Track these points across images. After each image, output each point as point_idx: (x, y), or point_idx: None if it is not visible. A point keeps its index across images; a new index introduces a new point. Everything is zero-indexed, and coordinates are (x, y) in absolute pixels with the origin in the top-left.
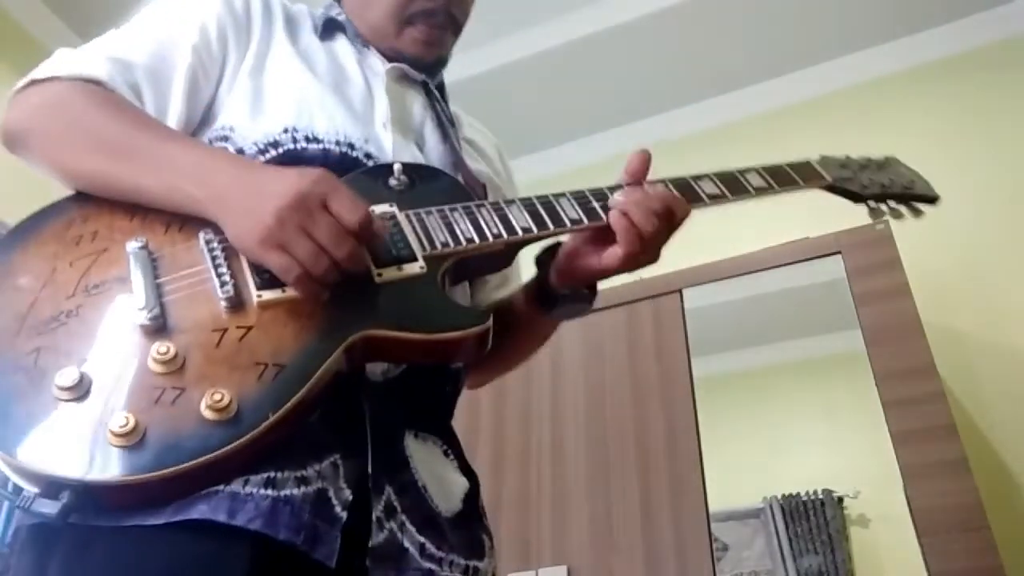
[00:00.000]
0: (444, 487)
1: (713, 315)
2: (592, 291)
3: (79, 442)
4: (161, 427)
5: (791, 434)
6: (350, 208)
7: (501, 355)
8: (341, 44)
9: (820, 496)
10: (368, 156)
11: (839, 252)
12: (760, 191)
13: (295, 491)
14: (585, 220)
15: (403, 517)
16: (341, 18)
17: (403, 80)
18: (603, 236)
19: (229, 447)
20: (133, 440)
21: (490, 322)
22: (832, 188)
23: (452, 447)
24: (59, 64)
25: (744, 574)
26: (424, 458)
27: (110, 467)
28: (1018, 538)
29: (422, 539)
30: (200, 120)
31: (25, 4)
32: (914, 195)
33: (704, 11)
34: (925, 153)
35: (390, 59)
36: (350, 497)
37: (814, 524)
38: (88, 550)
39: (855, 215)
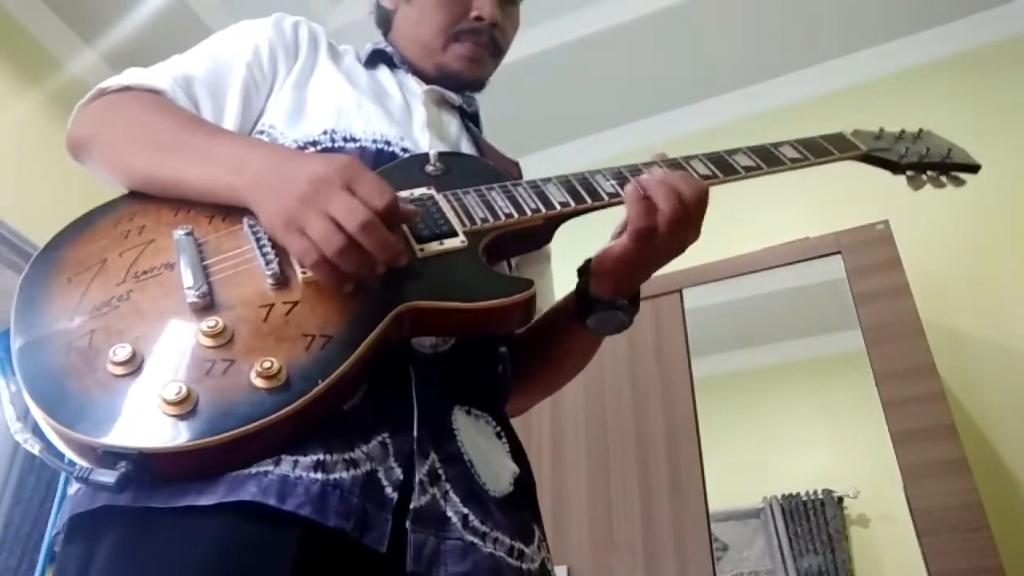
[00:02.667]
0: (491, 467)
1: (713, 315)
2: (632, 302)
3: (134, 413)
4: (213, 396)
5: (791, 434)
6: (375, 191)
7: (542, 375)
8: (383, 71)
9: (820, 496)
10: (404, 151)
11: (839, 252)
12: (795, 162)
13: (344, 475)
14: (621, 192)
15: (447, 486)
16: (388, 49)
17: (441, 103)
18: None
19: (280, 412)
20: (186, 408)
21: (534, 289)
22: (868, 158)
23: (506, 431)
24: (125, 77)
25: (744, 574)
26: (472, 435)
27: (165, 435)
28: (1018, 538)
29: (466, 510)
30: (251, 131)
31: (25, 4)
32: (954, 164)
33: (704, 11)
34: None
35: (430, 83)
36: (401, 476)
37: (814, 524)
38: (137, 534)
39: (855, 215)
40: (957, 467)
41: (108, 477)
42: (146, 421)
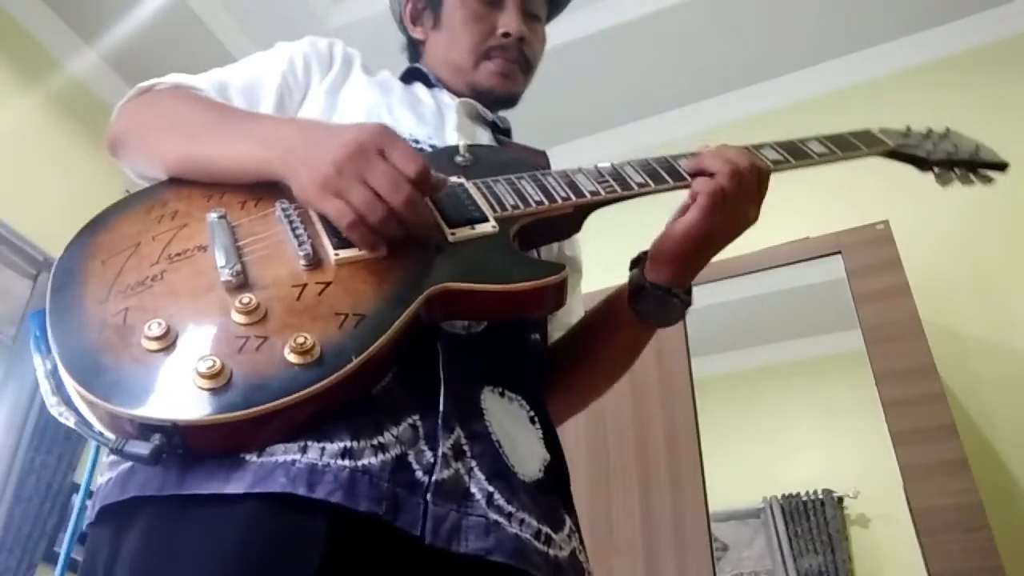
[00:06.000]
0: (519, 451)
1: (713, 315)
2: (685, 292)
3: (169, 386)
4: (247, 370)
5: (791, 434)
6: (408, 157)
7: (591, 375)
8: (418, 86)
9: (820, 496)
10: (433, 147)
11: (839, 252)
12: (822, 156)
13: (372, 460)
14: (651, 183)
15: (472, 462)
16: (423, 69)
17: (474, 116)
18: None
19: (314, 387)
20: (220, 382)
21: (566, 272)
22: (895, 154)
23: (540, 417)
24: (165, 79)
25: (744, 574)
26: (501, 416)
27: (199, 407)
28: (1018, 538)
29: (491, 488)
30: None
31: (25, 4)
32: (982, 162)
33: (704, 11)
34: None
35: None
36: (432, 459)
37: (814, 524)
38: (165, 521)
39: (855, 215)
40: (957, 467)
41: (142, 449)
42: (180, 394)
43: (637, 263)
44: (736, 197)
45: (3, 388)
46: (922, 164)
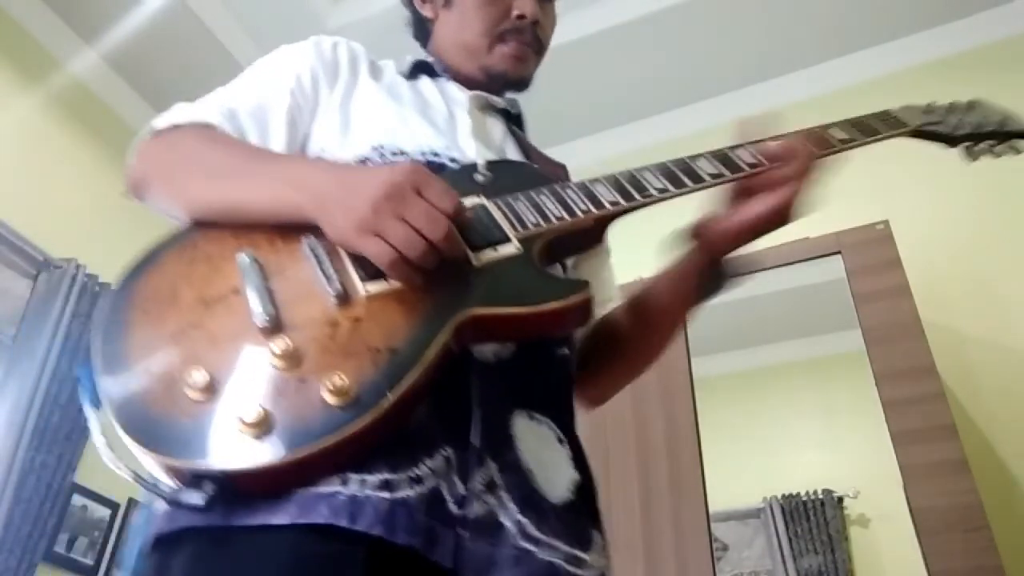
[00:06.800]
0: (550, 474)
1: (713, 315)
2: (731, 267)
3: (215, 435)
4: (288, 415)
5: (791, 434)
6: (442, 193)
7: (627, 358)
8: (424, 83)
9: (820, 496)
10: (453, 160)
11: (839, 252)
12: (845, 143)
13: (410, 492)
14: (671, 188)
15: (504, 495)
16: (429, 59)
17: (485, 108)
18: (741, 195)
19: (353, 427)
20: (264, 429)
21: (591, 291)
22: (919, 133)
23: (569, 438)
24: (175, 114)
25: (744, 574)
26: (532, 441)
27: (246, 455)
28: (1018, 538)
29: (522, 518)
30: (298, 151)
31: (25, 4)
32: (1011, 132)
33: (704, 11)
34: (925, 152)
35: (473, 87)
36: (463, 491)
37: (814, 524)
38: (211, 548)
39: (855, 215)
40: (957, 467)
41: (196, 499)
42: (227, 443)
43: (677, 241)
44: (802, 192)
45: (3, 388)
46: (948, 141)
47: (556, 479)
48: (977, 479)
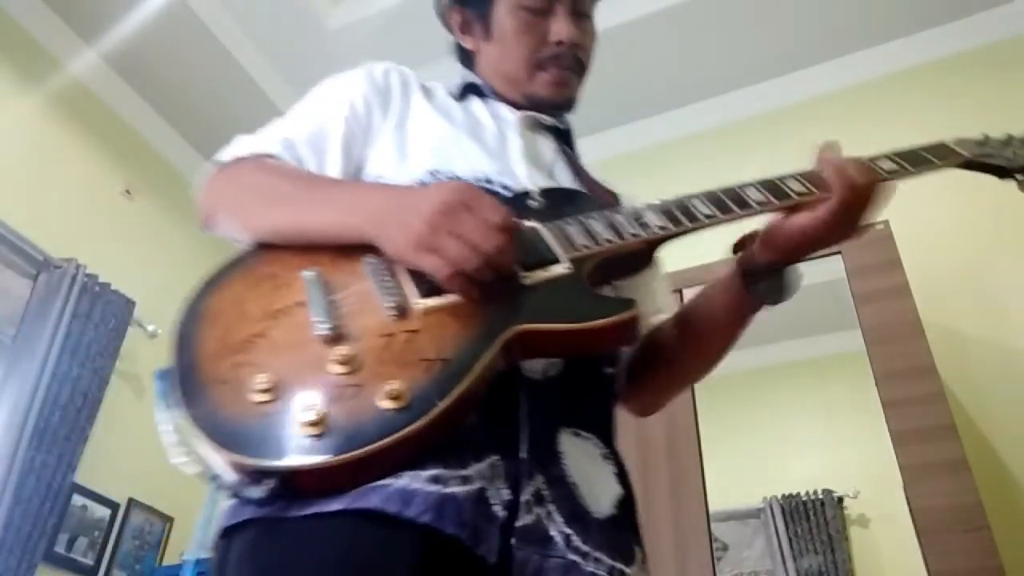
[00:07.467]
0: (595, 489)
1: None
2: (794, 272)
3: (278, 435)
4: (345, 418)
5: (791, 434)
6: (493, 209)
7: (686, 363)
8: (475, 103)
9: (820, 496)
10: (505, 187)
11: (839, 252)
12: (893, 174)
13: (458, 489)
14: (719, 214)
15: (551, 507)
16: (477, 81)
17: (534, 127)
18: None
19: (406, 430)
20: (322, 430)
21: (637, 309)
22: (971, 164)
23: (612, 453)
24: (237, 147)
25: (744, 574)
26: (577, 457)
27: (305, 454)
28: (1018, 538)
29: (568, 531)
30: (353, 176)
31: (25, 4)
32: None
33: (704, 11)
34: None
35: (520, 109)
36: (508, 497)
37: (814, 524)
38: (266, 534)
39: None
40: (957, 467)
41: (257, 492)
42: (288, 442)
43: (740, 247)
44: (857, 213)
45: (3, 388)
46: (1002, 173)
47: (601, 494)
48: (977, 479)
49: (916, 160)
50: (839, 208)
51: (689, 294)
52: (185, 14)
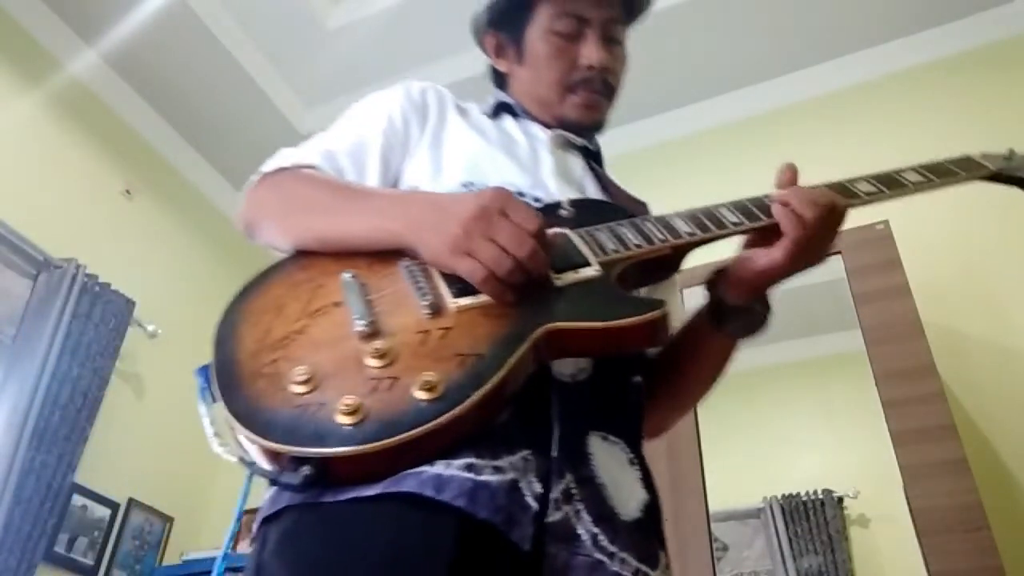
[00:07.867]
0: (622, 492)
1: None
2: (765, 305)
3: (315, 424)
4: (381, 407)
5: (791, 434)
6: (526, 215)
7: (685, 387)
8: (508, 121)
9: (820, 496)
10: (536, 200)
11: (839, 252)
12: (918, 185)
13: (492, 478)
14: (746, 221)
15: (579, 506)
16: (510, 101)
17: (565, 145)
18: (768, 240)
19: (440, 419)
20: (359, 418)
21: (667, 308)
22: (996, 177)
23: (639, 459)
24: (280, 159)
25: (744, 574)
26: (606, 460)
27: (342, 442)
28: (1018, 538)
29: (596, 530)
30: (391, 187)
31: (25, 4)
32: None
33: (704, 11)
34: (925, 152)
35: (551, 129)
36: (540, 490)
37: (814, 524)
38: (302, 518)
39: (855, 215)
40: (957, 467)
41: (294, 479)
42: (325, 430)
43: (710, 284)
44: (821, 240)
45: (3, 388)
46: None
47: (628, 498)
48: (977, 479)
49: (941, 172)
50: (793, 248)
51: (689, 294)
52: (185, 14)
